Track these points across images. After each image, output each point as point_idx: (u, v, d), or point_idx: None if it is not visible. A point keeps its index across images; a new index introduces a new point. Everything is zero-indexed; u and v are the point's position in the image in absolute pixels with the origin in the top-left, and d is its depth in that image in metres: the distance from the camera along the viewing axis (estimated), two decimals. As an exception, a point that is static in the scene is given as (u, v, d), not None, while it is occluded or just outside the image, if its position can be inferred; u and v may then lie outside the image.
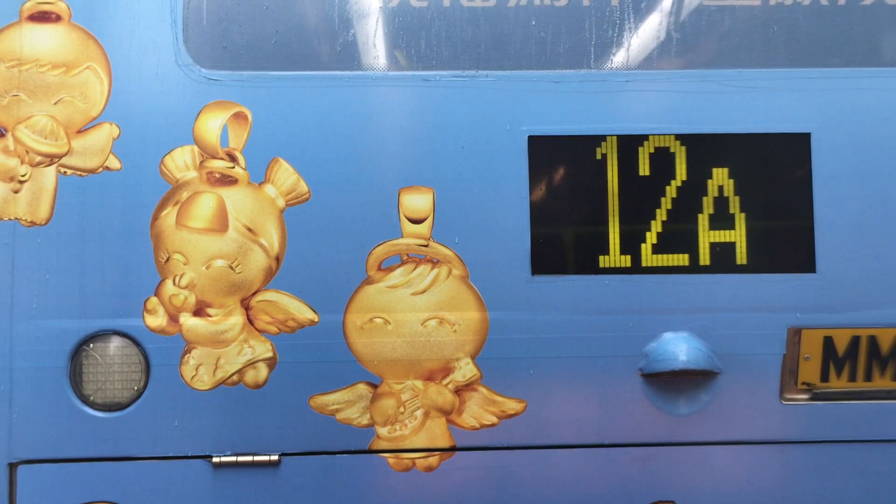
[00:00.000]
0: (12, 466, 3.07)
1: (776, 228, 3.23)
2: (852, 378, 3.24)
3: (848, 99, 3.26)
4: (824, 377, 3.24)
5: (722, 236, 3.20)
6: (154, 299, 3.10)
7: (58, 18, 3.13)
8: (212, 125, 3.14)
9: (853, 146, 3.24)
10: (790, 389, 3.24)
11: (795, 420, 3.23)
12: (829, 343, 3.22)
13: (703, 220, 3.20)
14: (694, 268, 3.19)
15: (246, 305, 3.12)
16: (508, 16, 3.26)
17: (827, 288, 3.21)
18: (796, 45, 3.32)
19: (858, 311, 3.22)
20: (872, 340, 3.22)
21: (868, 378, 3.24)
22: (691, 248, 3.20)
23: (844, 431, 3.24)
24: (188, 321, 3.10)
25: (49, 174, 3.09)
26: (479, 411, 3.16)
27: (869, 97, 3.27)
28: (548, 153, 3.18)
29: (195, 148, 3.13)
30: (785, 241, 3.23)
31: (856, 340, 3.22)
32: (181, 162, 3.13)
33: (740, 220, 3.20)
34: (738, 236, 3.20)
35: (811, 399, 3.24)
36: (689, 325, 3.19)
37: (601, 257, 3.17)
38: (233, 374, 3.11)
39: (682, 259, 3.19)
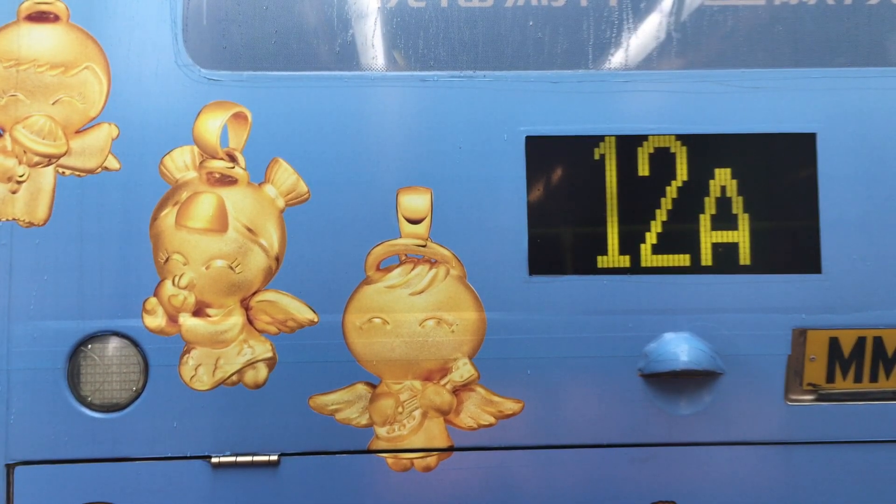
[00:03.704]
0: (9, 467, 3.08)
1: (781, 229, 3.21)
2: (858, 379, 3.23)
3: (854, 99, 3.25)
4: (830, 378, 3.23)
5: (725, 237, 3.18)
6: (153, 300, 3.10)
7: (56, 18, 3.14)
8: (211, 125, 3.15)
9: (859, 146, 3.23)
10: (795, 390, 3.22)
11: (800, 421, 3.22)
12: (834, 344, 3.21)
13: (704, 221, 3.18)
14: (696, 268, 3.18)
15: (245, 306, 3.12)
16: (506, 16, 3.26)
17: (832, 289, 3.20)
18: (801, 44, 3.30)
19: (864, 312, 3.21)
20: (878, 341, 3.21)
21: (874, 379, 3.23)
22: (693, 248, 3.18)
23: (850, 432, 3.22)
24: (187, 321, 3.11)
25: (47, 174, 3.10)
26: (476, 411, 3.15)
27: (875, 97, 3.26)
28: (545, 153, 3.18)
29: (195, 148, 3.14)
30: (790, 241, 3.22)
31: (861, 341, 3.21)
32: (181, 162, 3.13)
33: (744, 221, 3.19)
34: (741, 237, 3.19)
35: (816, 400, 3.23)
36: (691, 326, 3.18)
37: (599, 257, 3.17)
38: (232, 375, 3.11)
39: (682, 259, 3.18)
